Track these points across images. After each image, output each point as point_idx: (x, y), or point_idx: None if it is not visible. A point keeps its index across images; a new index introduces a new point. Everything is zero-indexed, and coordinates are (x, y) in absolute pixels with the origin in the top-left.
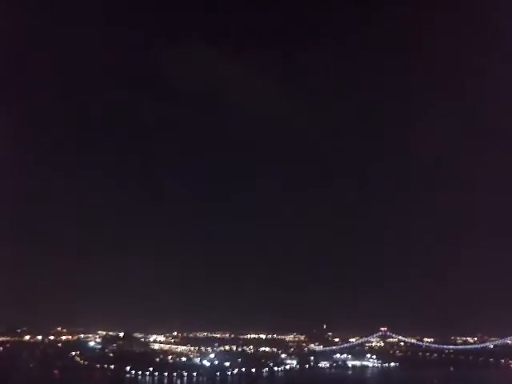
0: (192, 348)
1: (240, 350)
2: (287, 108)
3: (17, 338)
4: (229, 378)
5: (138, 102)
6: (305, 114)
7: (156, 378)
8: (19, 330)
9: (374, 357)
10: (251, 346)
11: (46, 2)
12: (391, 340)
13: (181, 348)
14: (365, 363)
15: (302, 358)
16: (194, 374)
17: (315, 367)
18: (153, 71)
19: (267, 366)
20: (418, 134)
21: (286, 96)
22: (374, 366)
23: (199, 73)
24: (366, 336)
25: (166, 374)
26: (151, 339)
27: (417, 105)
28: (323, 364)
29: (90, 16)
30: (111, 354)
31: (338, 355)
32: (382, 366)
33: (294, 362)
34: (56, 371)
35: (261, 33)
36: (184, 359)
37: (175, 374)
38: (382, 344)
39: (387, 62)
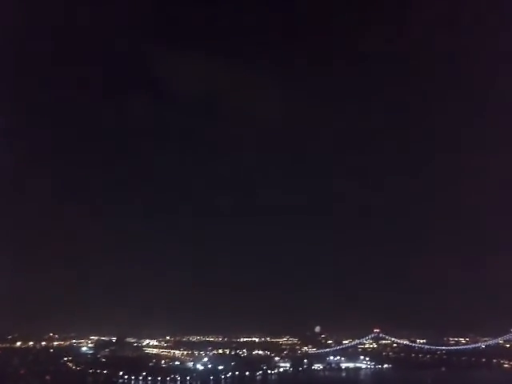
0: (185, 352)
1: (233, 353)
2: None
3: (7, 345)
4: (222, 382)
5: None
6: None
7: (149, 382)
8: (10, 337)
9: (367, 358)
10: (244, 350)
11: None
12: (384, 341)
13: (174, 352)
14: (358, 365)
15: (296, 360)
16: (188, 377)
17: (309, 370)
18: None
19: (261, 369)
20: None
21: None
22: (367, 368)
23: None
24: (359, 338)
25: (159, 378)
26: (144, 344)
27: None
28: (317, 366)
29: (89, 18)
30: (104, 359)
31: (331, 357)
32: (375, 368)
33: (288, 365)
34: (48, 377)
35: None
36: (177, 363)
37: (168, 378)
38: (375, 346)
39: (389, 61)
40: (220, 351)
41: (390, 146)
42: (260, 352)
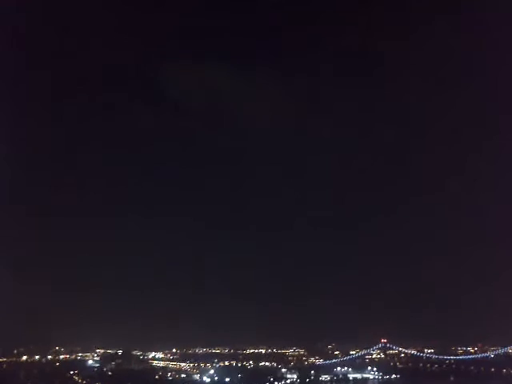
0: (191, 364)
1: (240, 365)
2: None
3: (14, 359)
4: None
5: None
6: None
7: None
8: (16, 351)
9: (375, 369)
10: (251, 361)
11: (47, 16)
12: (392, 352)
13: (180, 364)
14: (366, 376)
15: (303, 371)
16: None
17: (316, 381)
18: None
19: (268, 380)
20: None
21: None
22: (375, 379)
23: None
24: (367, 348)
25: None
26: (150, 356)
27: None
28: (324, 378)
29: (91, 28)
30: (110, 373)
31: (338, 368)
32: (382, 378)
33: (295, 377)
34: None
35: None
36: (184, 376)
37: None
38: (383, 356)
39: (389, 60)
40: (226, 363)
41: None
42: (267, 363)
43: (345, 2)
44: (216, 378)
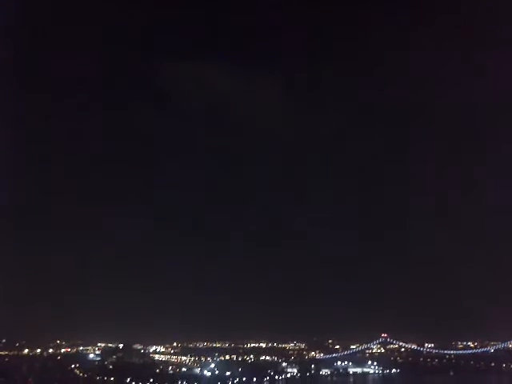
0: (192, 358)
1: (240, 359)
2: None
3: (15, 352)
4: None
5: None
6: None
7: None
8: (18, 344)
9: (375, 363)
10: (252, 355)
11: (47, 16)
12: (392, 346)
13: (181, 358)
14: (366, 370)
15: (303, 366)
16: None
17: (316, 375)
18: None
19: (268, 374)
20: None
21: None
22: (375, 373)
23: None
24: (367, 343)
25: None
26: (151, 350)
27: None
28: (324, 372)
29: (91, 28)
30: (111, 366)
31: (338, 363)
32: (383, 373)
33: (295, 371)
34: None
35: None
36: (184, 370)
37: None
38: (383, 350)
39: (389, 60)
40: (227, 357)
41: None
42: (267, 358)
43: (345, 2)
44: (216, 372)
